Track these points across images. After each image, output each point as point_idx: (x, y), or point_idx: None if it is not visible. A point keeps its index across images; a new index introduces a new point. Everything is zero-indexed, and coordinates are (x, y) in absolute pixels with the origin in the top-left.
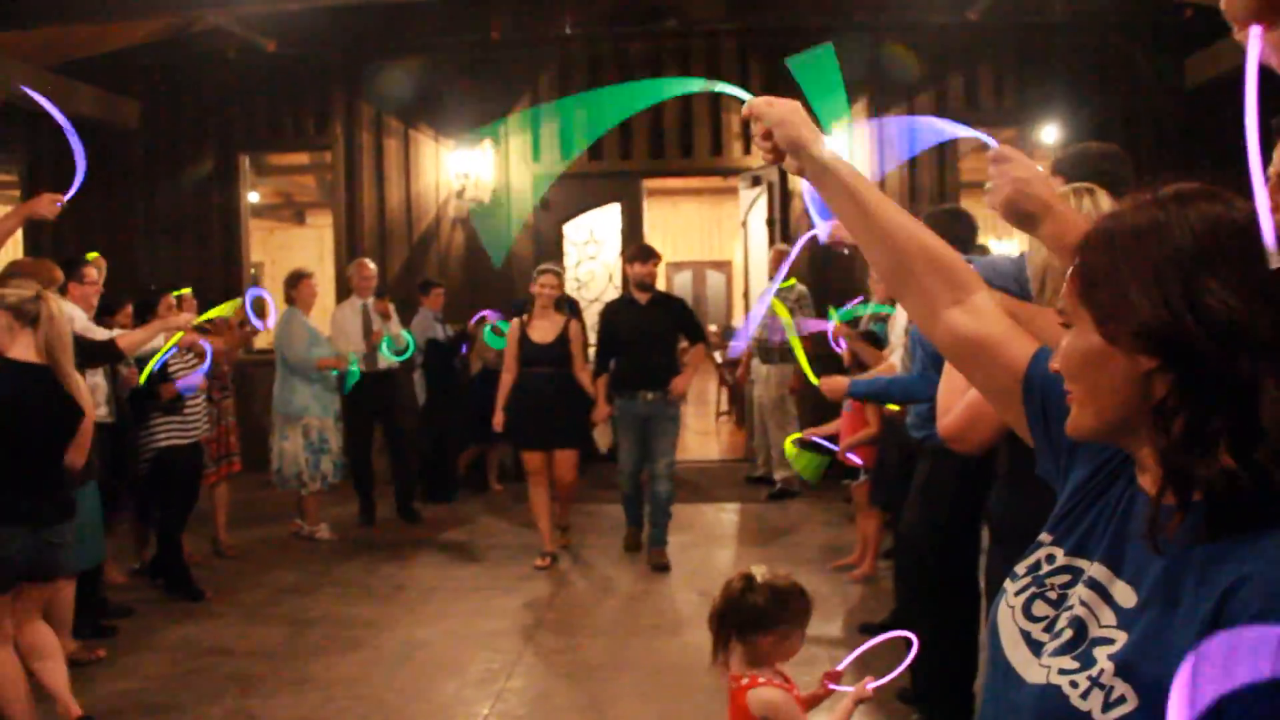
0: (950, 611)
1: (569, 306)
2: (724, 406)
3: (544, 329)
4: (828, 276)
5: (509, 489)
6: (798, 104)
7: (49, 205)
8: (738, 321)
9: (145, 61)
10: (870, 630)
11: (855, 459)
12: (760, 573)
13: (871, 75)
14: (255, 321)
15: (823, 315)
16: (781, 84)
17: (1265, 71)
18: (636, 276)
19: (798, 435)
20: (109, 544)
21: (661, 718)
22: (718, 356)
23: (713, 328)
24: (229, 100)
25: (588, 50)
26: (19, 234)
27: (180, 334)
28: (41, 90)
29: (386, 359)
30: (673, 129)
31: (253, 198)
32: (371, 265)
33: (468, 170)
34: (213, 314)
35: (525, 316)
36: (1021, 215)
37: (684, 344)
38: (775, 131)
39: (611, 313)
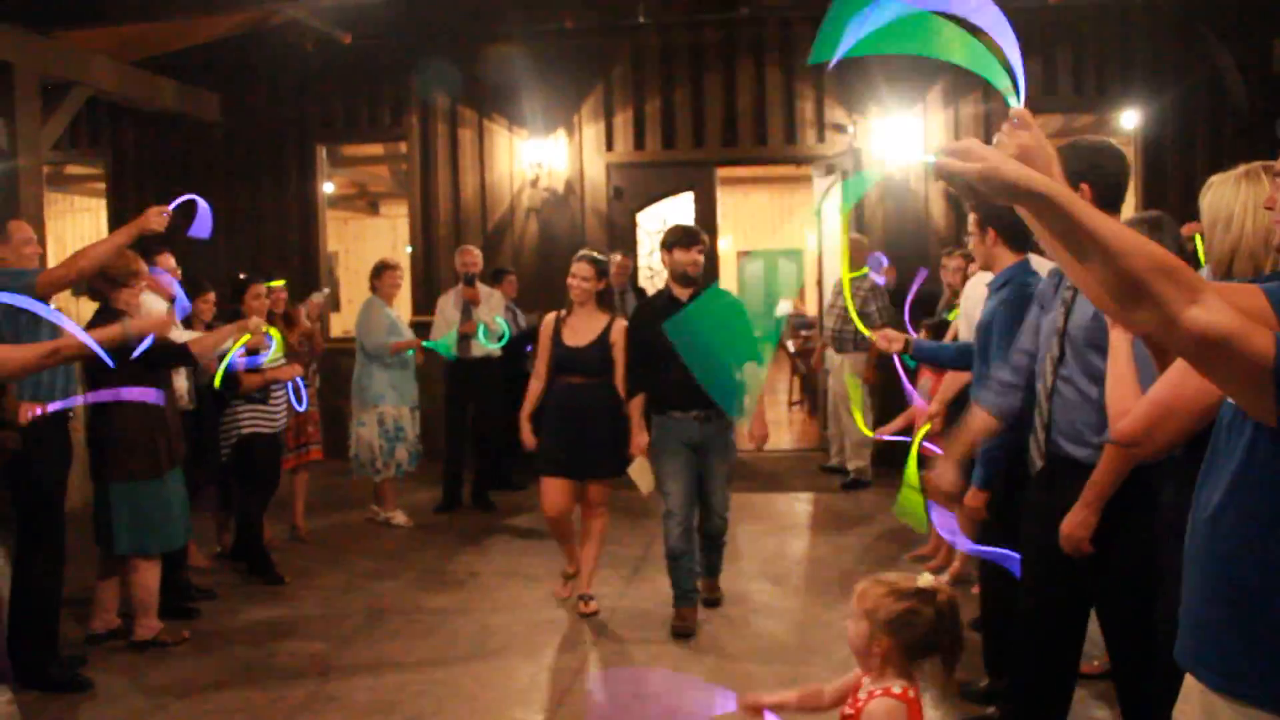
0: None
1: (638, 296)
2: (796, 396)
3: (580, 330)
4: (903, 261)
5: None
6: (985, 147)
7: (157, 218)
8: (810, 310)
9: (225, 55)
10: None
11: (934, 448)
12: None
13: (948, 61)
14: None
15: (898, 307)
16: (855, 74)
17: None
18: (678, 266)
19: (870, 434)
20: (193, 528)
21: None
22: (790, 345)
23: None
24: (306, 92)
25: (661, 39)
26: (102, 225)
27: (248, 336)
28: (125, 84)
29: (484, 346)
30: (746, 116)
31: (327, 188)
32: (475, 251)
33: (541, 160)
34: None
35: (562, 313)
36: (1009, 184)
37: None
38: (982, 187)
39: (646, 314)
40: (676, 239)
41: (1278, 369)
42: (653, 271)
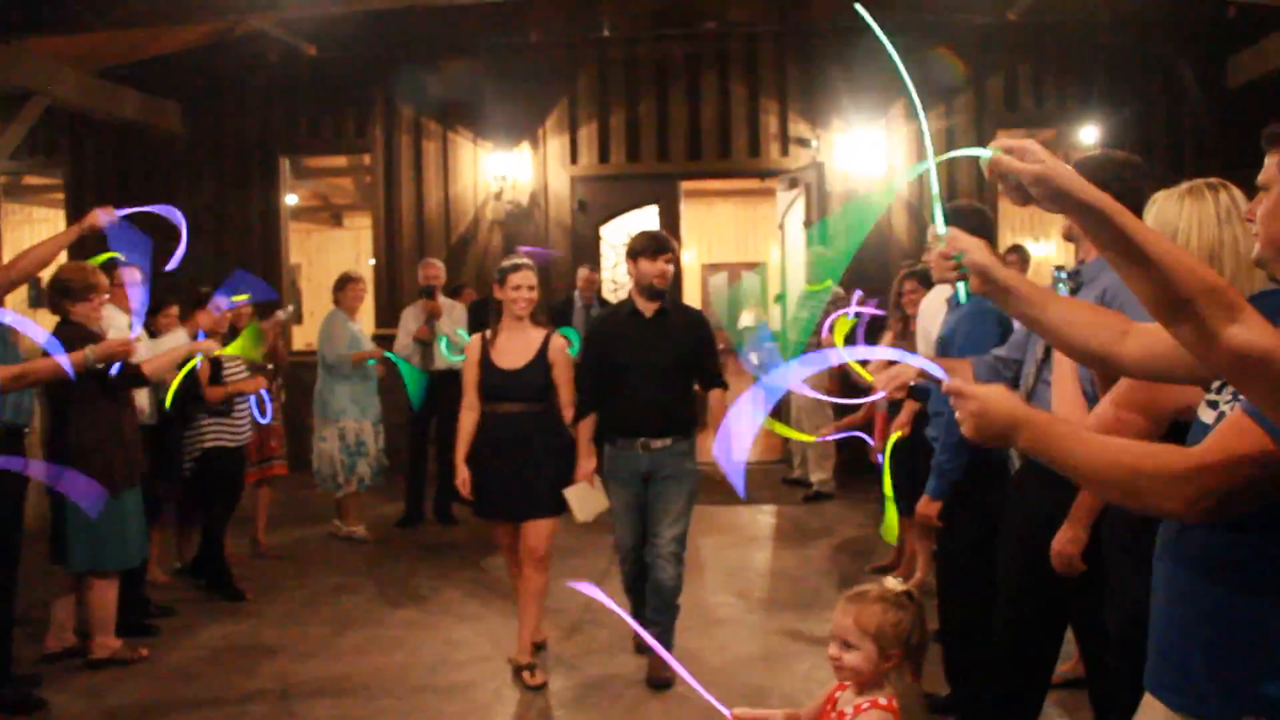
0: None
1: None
2: None
3: (513, 350)
4: (865, 275)
5: None
6: (1044, 151)
7: (104, 216)
8: (773, 325)
9: (188, 65)
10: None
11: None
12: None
13: (910, 76)
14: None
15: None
16: (819, 88)
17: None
18: (644, 278)
19: (811, 439)
20: (153, 544)
21: (696, 718)
22: (753, 358)
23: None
24: (270, 103)
25: (626, 52)
26: None
27: (200, 357)
28: (85, 94)
29: (446, 359)
30: (711, 130)
31: (290, 200)
32: (437, 264)
33: (505, 173)
34: (233, 349)
35: (487, 333)
36: (994, 441)
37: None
38: (1033, 189)
39: (604, 328)
40: (642, 247)
41: None
42: (616, 285)
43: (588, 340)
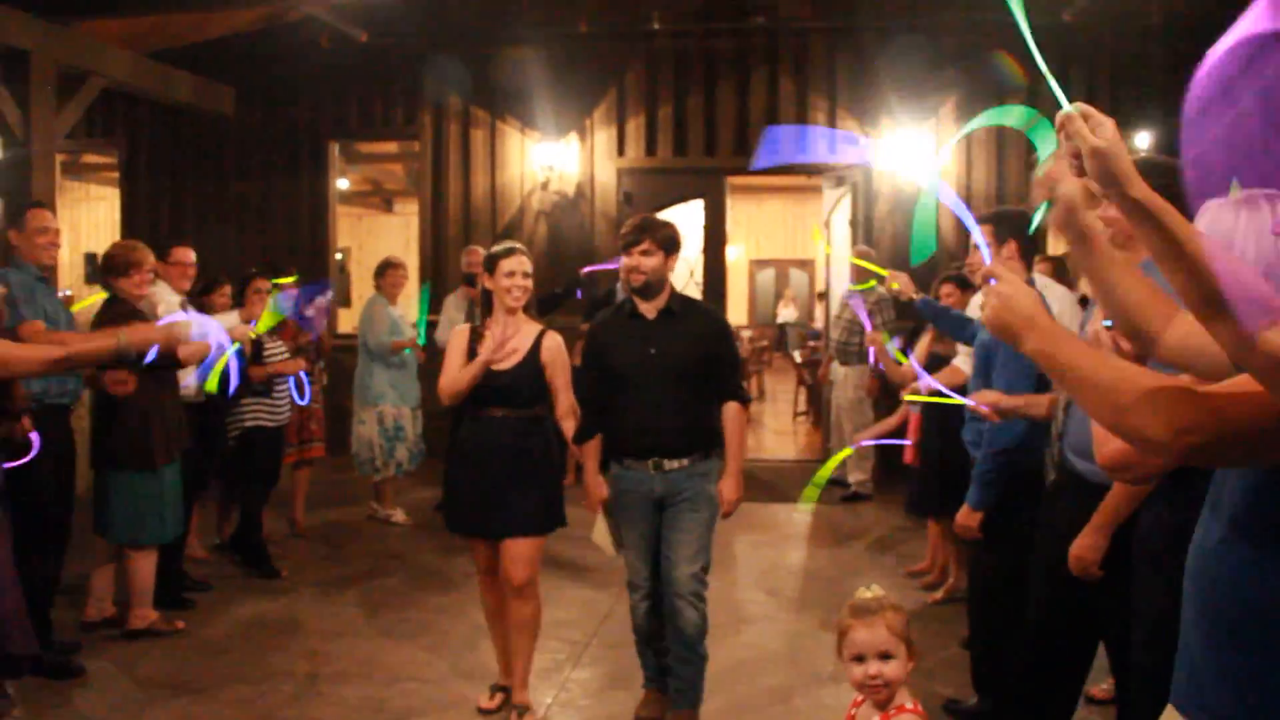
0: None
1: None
2: (802, 406)
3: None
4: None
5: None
6: (1115, 133)
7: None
8: (819, 321)
9: (241, 49)
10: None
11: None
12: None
13: (960, 76)
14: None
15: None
16: (868, 87)
17: None
18: (625, 273)
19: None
20: (196, 519)
21: (722, 716)
22: (796, 356)
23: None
24: (321, 88)
25: (675, 46)
26: (115, 217)
27: (236, 344)
28: (140, 75)
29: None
30: (758, 125)
31: (342, 184)
32: (479, 251)
33: (552, 163)
34: (261, 328)
35: (479, 326)
36: (1004, 331)
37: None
38: (1089, 162)
39: (602, 333)
40: (623, 236)
41: None
42: None
43: (586, 347)
